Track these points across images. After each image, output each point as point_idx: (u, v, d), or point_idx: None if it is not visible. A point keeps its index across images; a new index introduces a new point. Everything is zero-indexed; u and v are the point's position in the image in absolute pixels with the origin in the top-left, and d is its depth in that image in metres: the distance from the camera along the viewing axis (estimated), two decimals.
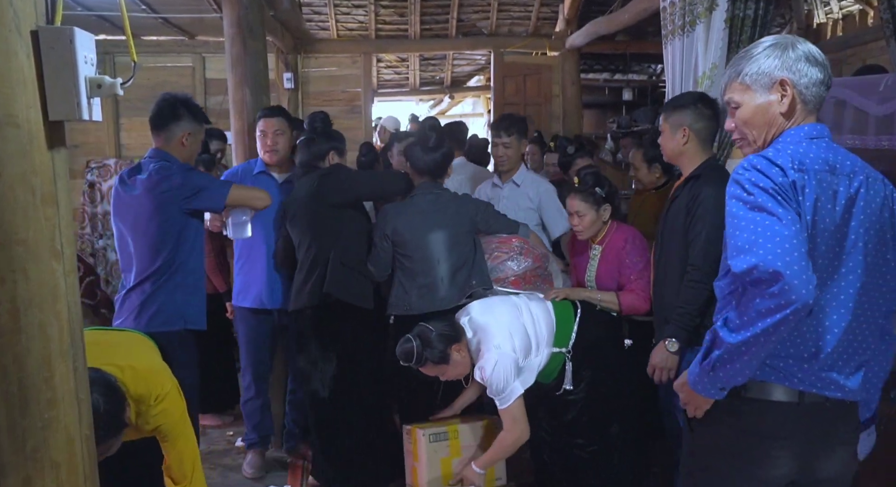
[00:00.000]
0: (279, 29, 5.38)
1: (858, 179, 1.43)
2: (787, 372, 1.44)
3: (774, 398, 1.45)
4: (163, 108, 2.62)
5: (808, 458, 1.47)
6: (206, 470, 3.23)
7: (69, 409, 1.10)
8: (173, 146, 2.61)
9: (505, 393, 2.33)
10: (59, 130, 1.08)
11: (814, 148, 1.43)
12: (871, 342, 1.48)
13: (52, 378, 1.07)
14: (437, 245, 2.72)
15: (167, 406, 1.86)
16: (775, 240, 1.30)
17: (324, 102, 6.37)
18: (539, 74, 6.66)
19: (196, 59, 6.04)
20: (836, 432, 1.48)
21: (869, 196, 1.44)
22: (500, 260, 2.75)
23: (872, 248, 1.44)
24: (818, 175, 1.39)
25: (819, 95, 1.46)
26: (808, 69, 1.44)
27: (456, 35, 6.77)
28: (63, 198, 1.09)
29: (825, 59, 1.46)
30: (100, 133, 5.91)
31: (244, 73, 3.42)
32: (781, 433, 1.45)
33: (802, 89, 1.45)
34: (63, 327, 1.09)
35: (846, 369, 1.45)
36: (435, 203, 2.78)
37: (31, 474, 1.04)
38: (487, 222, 2.81)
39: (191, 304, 2.61)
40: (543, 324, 2.47)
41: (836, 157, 1.44)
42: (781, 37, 1.50)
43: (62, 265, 1.08)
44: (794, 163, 1.39)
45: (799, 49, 1.45)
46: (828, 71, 1.45)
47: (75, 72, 1.02)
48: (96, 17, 4.72)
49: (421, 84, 8.58)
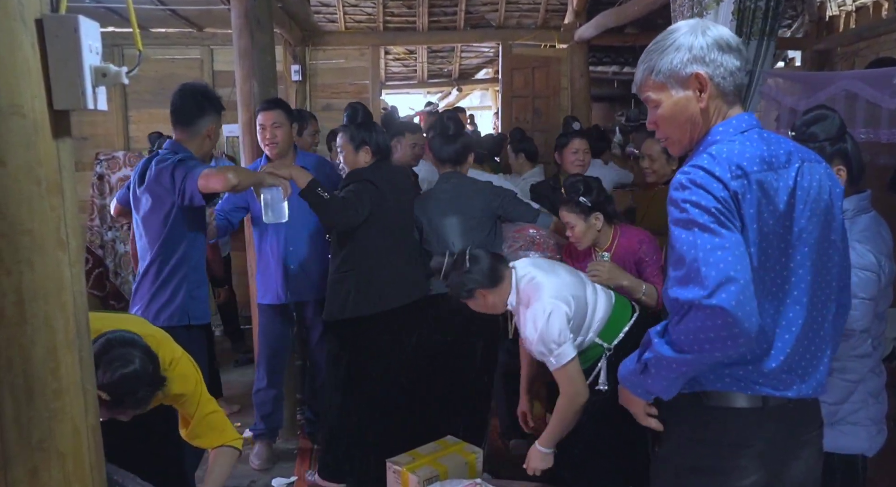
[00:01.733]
0: (287, 21, 5.36)
1: (794, 167, 1.36)
2: (748, 379, 1.38)
3: (737, 405, 1.39)
4: (187, 103, 2.61)
5: (776, 464, 1.42)
6: None
7: (75, 400, 1.10)
8: (199, 140, 2.64)
9: (560, 350, 2.14)
10: (65, 120, 1.07)
11: (748, 144, 1.34)
12: (829, 328, 1.44)
13: (58, 368, 1.06)
14: (451, 229, 2.81)
15: (183, 370, 1.95)
16: (719, 267, 1.23)
17: (331, 95, 6.36)
18: (547, 67, 6.61)
19: (204, 51, 6.04)
20: (801, 434, 1.44)
21: (806, 182, 1.37)
22: (513, 250, 2.76)
23: (817, 234, 1.38)
24: (757, 177, 1.31)
25: (738, 83, 1.37)
26: (721, 58, 1.34)
27: (464, 27, 6.73)
28: (68, 188, 1.09)
29: (739, 43, 1.36)
30: (108, 125, 5.92)
31: (252, 65, 3.41)
32: (747, 440, 1.40)
33: (719, 81, 1.35)
34: (69, 318, 1.08)
35: (809, 366, 1.40)
36: (453, 190, 2.86)
37: (37, 465, 1.04)
38: (506, 209, 2.85)
39: (195, 299, 2.62)
40: (601, 310, 2.32)
41: (770, 150, 1.36)
42: (692, 22, 1.38)
43: (68, 255, 1.08)
44: (732, 169, 1.30)
45: (709, 36, 1.34)
46: (743, 54, 1.36)
47: (80, 60, 1.01)
48: (104, 9, 4.71)
49: (429, 76, 8.55)
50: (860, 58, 5.77)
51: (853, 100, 3.50)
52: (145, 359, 1.77)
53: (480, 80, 9.05)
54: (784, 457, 1.43)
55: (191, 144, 2.63)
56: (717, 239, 1.25)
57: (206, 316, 2.68)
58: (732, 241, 1.26)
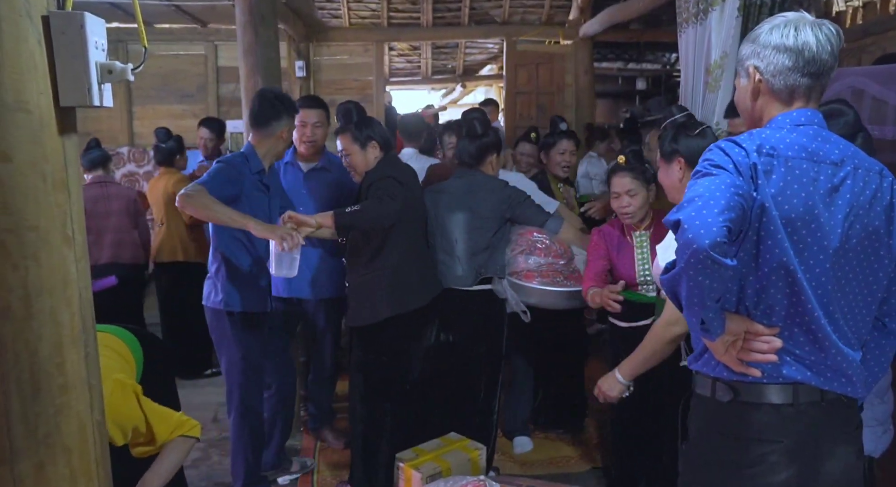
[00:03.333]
0: (291, 17, 5.36)
1: (846, 169, 1.37)
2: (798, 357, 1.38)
3: (766, 399, 1.40)
4: (264, 106, 2.72)
5: (809, 462, 1.41)
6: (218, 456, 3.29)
7: (81, 395, 1.10)
8: (272, 141, 2.73)
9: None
10: (71, 116, 1.08)
11: (795, 134, 1.38)
12: (861, 328, 1.43)
13: (64, 364, 1.07)
14: (456, 225, 2.78)
15: (116, 403, 1.75)
16: (696, 190, 1.28)
17: (336, 91, 6.35)
18: (552, 63, 6.60)
19: (208, 47, 6.04)
20: (834, 432, 1.43)
21: (857, 187, 1.37)
22: (514, 253, 2.75)
23: (858, 241, 1.38)
24: (791, 161, 1.34)
25: (791, 84, 1.39)
26: (774, 56, 1.38)
27: (468, 23, 6.71)
28: (74, 184, 1.09)
29: (801, 44, 1.37)
30: (113, 121, 5.93)
31: (256, 61, 3.40)
32: (775, 436, 1.40)
33: (769, 77, 1.40)
34: (74, 313, 1.09)
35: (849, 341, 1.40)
36: (463, 187, 2.83)
37: (43, 459, 1.05)
38: (514, 211, 2.81)
39: (231, 288, 2.70)
40: None
41: (820, 145, 1.38)
42: (777, 18, 1.41)
43: (73, 251, 1.08)
44: (762, 147, 1.34)
45: (773, 34, 1.39)
46: (802, 56, 1.37)
47: (86, 57, 1.01)
48: (109, 5, 4.72)
49: (433, 72, 8.54)
50: (867, 54, 5.74)
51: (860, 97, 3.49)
52: None
53: (485, 76, 9.03)
54: (817, 455, 1.41)
55: (263, 145, 2.74)
56: (713, 178, 1.31)
57: (237, 304, 2.71)
58: (724, 177, 1.30)
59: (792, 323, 1.38)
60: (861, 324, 1.43)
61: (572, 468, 3.23)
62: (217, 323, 2.76)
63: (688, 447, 1.55)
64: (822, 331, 1.37)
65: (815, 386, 1.40)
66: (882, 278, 1.42)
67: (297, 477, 3.16)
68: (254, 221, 2.47)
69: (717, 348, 1.42)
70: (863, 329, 1.43)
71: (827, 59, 1.37)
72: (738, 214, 1.28)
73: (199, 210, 2.48)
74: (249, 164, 2.69)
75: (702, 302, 1.30)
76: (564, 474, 3.16)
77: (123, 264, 4.07)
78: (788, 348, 1.39)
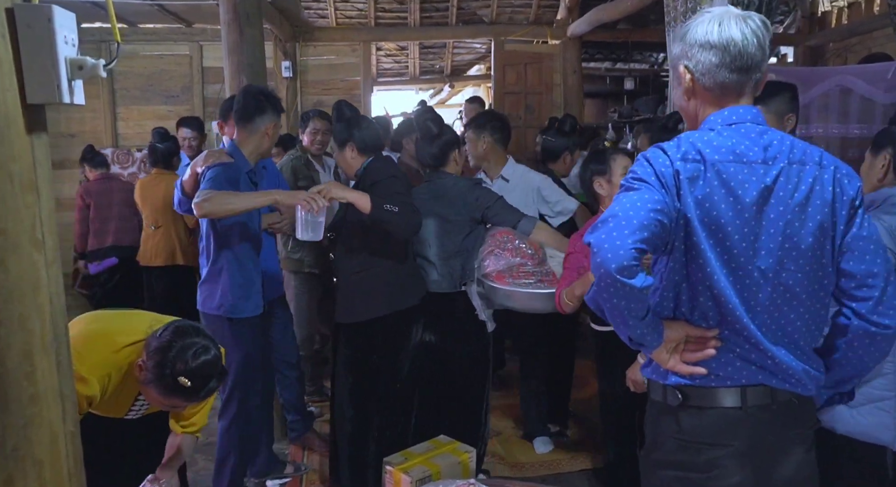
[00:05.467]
0: (277, 16, 5.30)
1: (777, 167, 1.33)
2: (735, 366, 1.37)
3: (714, 404, 1.38)
4: (248, 101, 2.69)
5: (763, 464, 1.39)
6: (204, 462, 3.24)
7: (52, 406, 1.06)
8: (257, 137, 2.70)
9: None
10: (39, 114, 1.03)
11: (724, 136, 1.35)
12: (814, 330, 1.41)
13: (34, 373, 1.03)
14: (427, 230, 2.74)
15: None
16: (612, 209, 1.29)
17: (323, 91, 6.30)
18: (540, 63, 6.58)
19: (193, 47, 5.97)
20: (788, 432, 1.41)
21: (791, 184, 1.33)
22: (483, 254, 2.70)
23: (801, 240, 1.34)
24: (718, 165, 1.31)
25: (720, 81, 1.36)
26: (701, 54, 1.36)
27: (456, 23, 6.68)
28: (44, 185, 1.05)
29: (726, 39, 1.34)
30: (97, 122, 5.85)
31: (241, 60, 3.36)
32: (724, 440, 1.38)
33: (699, 76, 1.38)
34: (45, 320, 1.04)
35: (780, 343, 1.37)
36: (431, 192, 2.79)
37: (12, 473, 1.00)
38: (485, 213, 2.77)
39: (233, 294, 2.65)
40: None
41: (750, 145, 1.34)
42: (703, 14, 1.38)
43: (44, 255, 1.04)
44: (688, 153, 1.32)
45: (698, 32, 1.36)
46: (728, 52, 1.34)
47: (54, 52, 0.97)
48: (91, 4, 4.65)
49: (421, 73, 8.50)
50: (852, 54, 5.78)
51: (847, 96, 3.49)
52: (217, 349, 1.86)
53: (473, 76, 9.00)
54: (769, 457, 1.39)
55: (249, 143, 2.69)
56: (632, 193, 1.30)
57: (236, 311, 2.68)
58: (643, 192, 1.29)
59: (727, 328, 1.37)
60: (812, 322, 1.39)
61: (563, 469, 3.21)
62: (216, 328, 2.69)
63: (644, 452, 1.54)
64: (755, 338, 1.35)
65: (765, 387, 1.38)
66: (832, 274, 1.39)
67: (287, 481, 3.11)
68: (277, 192, 2.58)
69: (661, 357, 1.41)
70: (813, 327, 1.40)
71: (754, 52, 1.34)
72: (655, 231, 1.27)
73: (221, 208, 2.43)
74: (237, 164, 2.64)
75: (624, 322, 1.32)
76: (555, 476, 3.14)
77: (123, 246, 4.55)
78: (730, 347, 1.37)
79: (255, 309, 2.75)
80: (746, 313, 1.34)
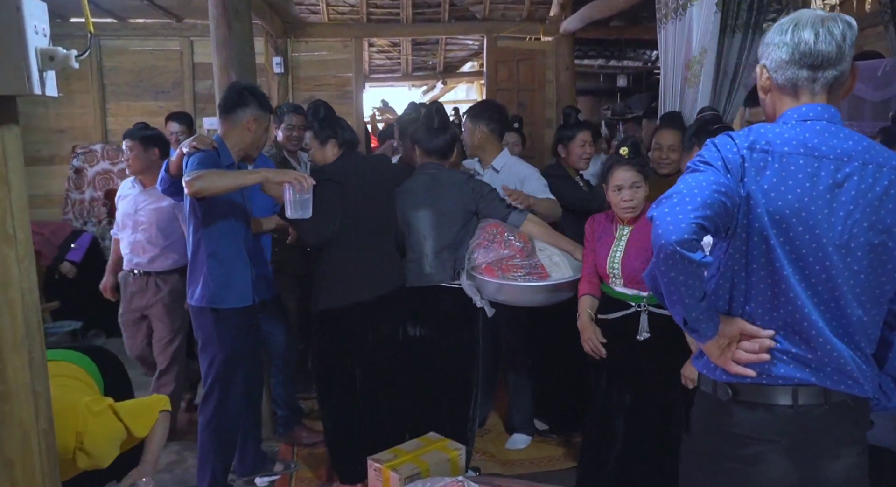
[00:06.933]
0: (267, 11, 5.27)
1: (852, 165, 1.34)
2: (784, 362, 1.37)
3: (765, 400, 1.40)
4: (231, 94, 2.73)
5: (808, 462, 1.40)
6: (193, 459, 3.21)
7: (25, 403, 1.04)
8: (238, 131, 2.72)
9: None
10: (10, 106, 1.01)
11: (797, 130, 1.37)
12: (871, 326, 1.40)
13: (5, 370, 1.01)
14: (422, 222, 2.76)
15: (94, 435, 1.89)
16: (677, 187, 1.31)
17: (314, 87, 6.26)
18: (533, 60, 6.56)
19: (184, 42, 5.92)
20: (839, 433, 1.41)
21: (865, 183, 1.34)
22: (473, 246, 2.71)
23: (867, 239, 1.34)
24: (786, 157, 1.34)
25: (790, 77, 1.40)
26: (774, 52, 1.41)
27: (449, 19, 6.65)
28: (15, 178, 1.03)
29: (797, 37, 1.37)
30: (86, 118, 5.80)
31: (229, 55, 3.33)
32: (769, 436, 1.40)
33: (772, 73, 1.43)
34: (16, 316, 1.02)
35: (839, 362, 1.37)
36: (428, 183, 2.80)
37: None
38: (479, 204, 2.79)
39: (217, 284, 2.65)
40: None
41: (823, 141, 1.35)
42: (788, 17, 1.42)
43: (15, 250, 1.02)
44: (756, 143, 1.35)
45: (776, 32, 1.41)
46: (798, 49, 1.37)
47: (24, 42, 0.95)
48: None
49: (413, 69, 8.48)
50: None
51: None
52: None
53: (465, 73, 8.98)
54: (817, 456, 1.39)
55: (231, 136, 2.71)
56: (698, 174, 1.33)
57: (226, 301, 2.68)
58: (708, 174, 1.32)
59: (784, 322, 1.37)
60: (871, 322, 1.40)
61: (554, 466, 3.20)
62: (201, 321, 2.70)
63: (689, 438, 1.57)
64: (815, 328, 1.35)
65: (818, 387, 1.38)
66: (894, 273, 1.39)
67: (276, 479, 3.10)
68: (265, 170, 2.69)
69: (712, 351, 1.43)
70: (871, 327, 1.40)
71: (826, 49, 1.36)
72: (718, 211, 1.28)
73: (213, 184, 2.45)
74: (221, 158, 2.64)
75: (681, 300, 1.31)
76: (545, 473, 3.13)
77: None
78: (785, 348, 1.38)
79: (240, 300, 2.72)
80: (809, 302, 1.35)
